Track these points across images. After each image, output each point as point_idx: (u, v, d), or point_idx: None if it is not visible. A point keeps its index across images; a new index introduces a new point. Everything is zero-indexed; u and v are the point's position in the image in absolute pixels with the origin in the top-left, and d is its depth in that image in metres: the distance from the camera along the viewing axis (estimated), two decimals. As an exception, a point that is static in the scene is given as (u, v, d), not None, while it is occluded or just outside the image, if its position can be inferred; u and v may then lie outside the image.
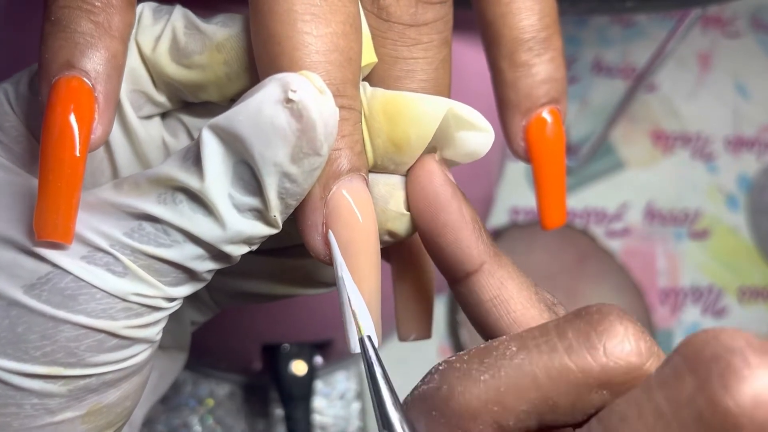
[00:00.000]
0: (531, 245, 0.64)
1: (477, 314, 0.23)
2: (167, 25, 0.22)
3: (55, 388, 0.20)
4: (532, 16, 0.24)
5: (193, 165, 0.20)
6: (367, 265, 0.21)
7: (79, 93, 0.20)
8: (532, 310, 0.22)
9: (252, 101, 0.19)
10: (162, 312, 0.21)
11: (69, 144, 0.20)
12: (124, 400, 0.22)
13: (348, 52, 0.20)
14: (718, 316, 0.67)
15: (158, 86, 0.23)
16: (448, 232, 0.22)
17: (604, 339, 0.19)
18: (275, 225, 0.21)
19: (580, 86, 0.75)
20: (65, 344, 0.20)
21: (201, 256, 0.21)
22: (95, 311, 0.20)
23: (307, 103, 0.19)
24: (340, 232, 0.21)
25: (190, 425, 0.55)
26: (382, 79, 0.23)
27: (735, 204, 0.72)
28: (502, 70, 0.25)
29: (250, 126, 0.19)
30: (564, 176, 0.26)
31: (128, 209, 0.20)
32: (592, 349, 0.19)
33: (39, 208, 0.20)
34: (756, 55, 0.80)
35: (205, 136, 0.20)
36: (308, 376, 0.50)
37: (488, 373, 0.20)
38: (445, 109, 0.22)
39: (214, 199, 0.20)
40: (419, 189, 0.22)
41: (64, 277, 0.20)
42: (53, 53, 0.20)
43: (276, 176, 0.19)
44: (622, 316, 0.19)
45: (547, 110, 0.25)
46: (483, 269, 0.22)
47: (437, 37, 0.23)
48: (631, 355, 0.19)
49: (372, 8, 0.23)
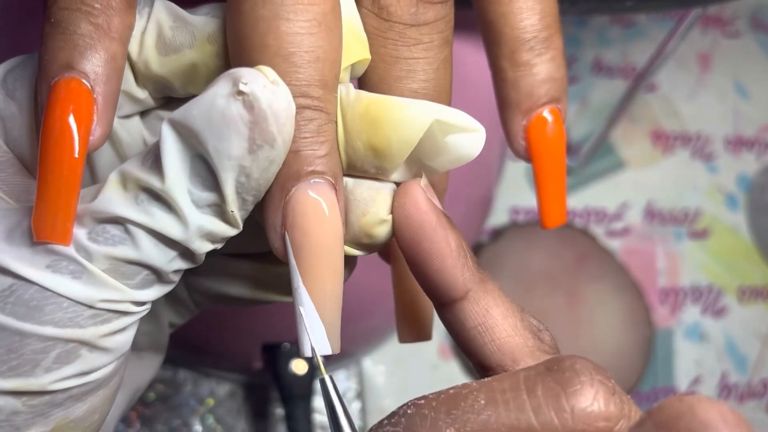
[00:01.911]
0: (531, 245, 0.64)
1: (462, 340, 0.23)
2: (150, 19, 0.22)
3: (20, 404, 0.20)
4: (533, 15, 0.24)
5: (154, 163, 0.20)
6: (322, 269, 0.21)
7: (78, 94, 0.20)
8: (517, 337, 0.22)
9: (205, 95, 0.19)
10: (130, 317, 0.21)
11: (68, 145, 0.19)
12: (92, 414, 0.22)
13: (314, 51, 0.20)
14: (717, 315, 0.67)
15: (140, 83, 0.23)
16: (433, 260, 0.22)
17: (573, 402, 0.19)
18: (234, 222, 0.21)
19: (580, 86, 0.75)
20: (32, 357, 0.20)
21: (166, 255, 0.21)
22: (62, 321, 0.20)
23: (257, 95, 0.19)
24: (294, 235, 0.20)
25: (191, 425, 0.55)
26: (383, 79, 0.23)
27: (735, 204, 0.72)
28: (502, 70, 0.25)
29: (203, 120, 0.19)
30: (564, 176, 0.26)
31: (90, 212, 0.20)
32: (560, 411, 0.19)
33: (37, 209, 0.19)
34: (756, 55, 0.80)
35: (164, 131, 0.20)
36: (308, 375, 0.50)
37: (454, 426, 0.19)
38: (430, 119, 0.21)
39: (175, 196, 0.20)
40: (404, 217, 0.22)
41: (29, 288, 0.20)
42: (52, 55, 0.20)
43: (231, 170, 0.19)
44: (593, 377, 0.19)
45: (548, 109, 0.25)
46: (468, 297, 0.22)
47: (438, 36, 0.23)
48: (599, 420, 0.19)
49: (372, 8, 0.23)
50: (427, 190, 0.23)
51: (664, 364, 0.65)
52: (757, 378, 0.65)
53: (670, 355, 0.65)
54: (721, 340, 0.67)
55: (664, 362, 0.65)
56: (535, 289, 0.63)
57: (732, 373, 0.65)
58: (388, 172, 0.22)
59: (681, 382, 0.64)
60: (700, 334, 0.67)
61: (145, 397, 0.55)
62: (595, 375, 0.19)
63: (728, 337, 0.67)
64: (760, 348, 0.67)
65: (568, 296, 0.63)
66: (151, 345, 0.29)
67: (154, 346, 0.29)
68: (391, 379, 0.60)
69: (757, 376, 0.66)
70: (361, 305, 0.49)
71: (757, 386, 0.65)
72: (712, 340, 0.66)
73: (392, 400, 0.59)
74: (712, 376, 0.65)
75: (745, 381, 0.65)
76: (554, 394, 0.19)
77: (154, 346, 0.29)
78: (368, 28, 0.23)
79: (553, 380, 0.19)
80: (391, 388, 0.60)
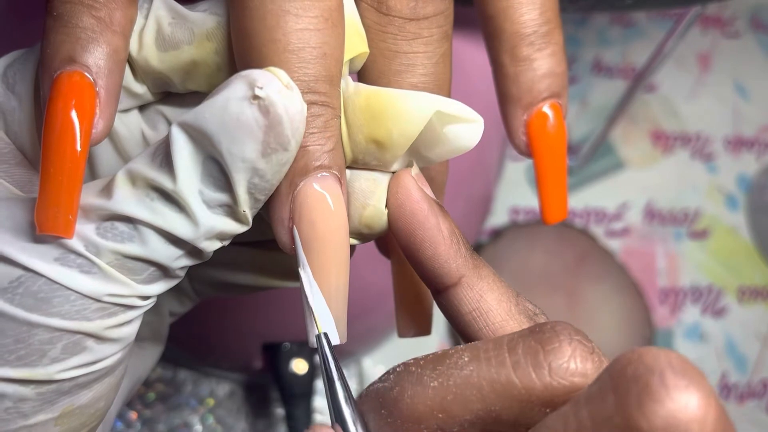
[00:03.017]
0: (531, 245, 0.64)
1: (458, 325, 0.23)
2: (150, 15, 0.22)
3: (29, 392, 0.20)
4: (534, 10, 0.24)
5: (164, 162, 0.20)
6: (329, 262, 0.21)
7: (81, 88, 0.20)
8: (512, 321, 0.23)
9: (218, 98, 0.19)
10: (136, 311, 0.21)
11: (70, 138, 0.20)
12: (97, 401, 0.22)
13: (321, 47, 0.20)
14: (717, 315, 0.67)
15: (139, 77, 0.23)
16: (426, 247, 0.22)
17: (550, 358, 0.19)
18: (245, 220, 0.21)
19: (580, 86, 0.75)
20: (39, 347, 0.20)
21: (174, 253, 0.21)
22: (69, 313, 0.20)
23: (273, 99, 0.19)
24: (302, 229, 0.21)
25: (191, 425, 0.55)
26: (383, 73, 0.23)
27: (734, 204, 0.72)
28: (503, 65, 0.25)
29: (217, 123, 0.19)
30: (565, 171, 0.26)
31: (99, 209, 0.20)
32: (538, 367, 0.19)
33: (40, 202, 0.20)
34: (756, 55, 0.80)
35: (175, 133, 0.20)
36: (309, 374, 0.50)
37: (438, 380, 0.20)
38: (432, 110, 0.21)
39: (186, 197, 0.20)
40: (396, 206, 0.23)
41: (37, 279, 0.20)
42: (55, 48, 0.20)
43: (244, 172, 0.20)
44: (572, 336, 0.20)
45: (549, 104, 0.25)
46: (462, 282, 0.23)
47: (437, 31, 0.23)
48: (575, 376, 0.19)
49: (372, 2, 0.23)
50: (418, 179, 0.23)
51: (665, 364, 0.65)
52: (757, 378, 0.65)
53: (671, 355, 0.65)
54: (721, 340, 0.67)
55: (665, 362, 0.65)
56: (535, 289, 0.63)
57: (732, 373, 0.65)
58: (388, 163, 0.22)
59: (681, 382, 0.64)
60: (700, 334, 0.67)
61: (145, 397, 0.55)
62: (573, 335, 0.20)
63: (728, 337, 0.67)
64: (760, 348, 0.67)
65: (568, 296, 0.63)
66: (152, 334, 0.29)
67: (155, 336, 0.29)
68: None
69: (757, 376, 0.66)
70: (362, 305, 0.49)
71: (757, 386, 0.65)
72: (712, 340, 0.66)
73: (392, 400, 0.59)
74: (712, 376, 0.65)
75: (745, 381, 0.65)
76: (533, 352, 0.19)
77: (155, 336, 0.29)
78: (368, 23, 0.23)
79: (534, 339, 0.20)
80: (391, 388, 0.60)
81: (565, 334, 0.20)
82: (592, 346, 0.20)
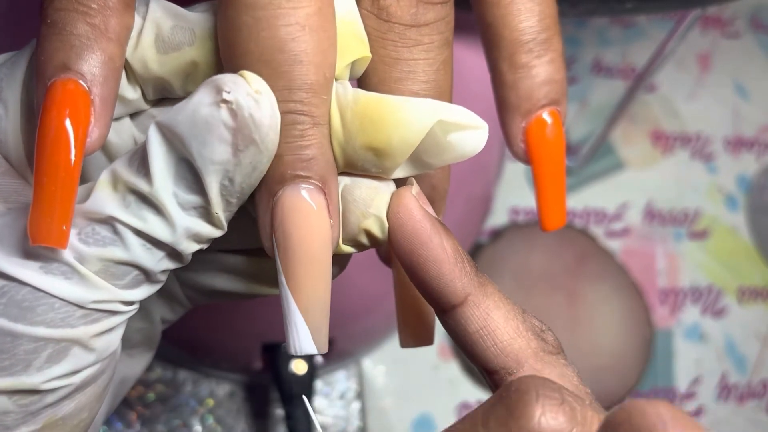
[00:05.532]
0: (531, 245, 0.64)
1: (465, 345, 0.23)
2: (147, 18, 0.22)
3: (11, 404, 0.20)
4: (532, 17, 0.24)
5: (140, 164, 0.20)
6: (303, 272, 0.21)
7: (75, 96, 0.20)
8: (520, 339, 0.22)
9: (189, 102, 0.19)
10: (119, 316, 0.21)
11: (64, 148, 0.19)
12: (80, 411, 0.22)
13: (297, 55, 0.20)
14: (717, 316, 0.67)
15: (134, 83, 0.23)
16: (430, 267, 0.22)
17: (520, 424, 0.19)
18: (218, 223, 0.21)
19: (579, 87, 0.75)
20: (24, 357, 0.20)
21: (155, 255, 0.21)
22: (54, 321, 0.20)
23: (240, 103, 0.19)
24: (278, 237, 0.21)
25: (191, 425, 0.55)
26: (383, 80, 0.23)
27: (734, 204, 0.72)
28: (502, 72, 0.25)
29: (188, 126, 0.19)
30: (564, 178, 0.25)
31: (82, 213, 0.20)
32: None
33: (33, 212, 0.19)
34: (756, 55, 0.80)
35: (151, 134, 0.20)
36: (308, 375, 0.50)
37: None
38: (433, 120, 0.21)
39: (162, 198, 0.20)
40: (398, 225, 0.22)
41: (21, 288, 0.20)
42: (48, 55, 0.20)
43: (215, 174, 0.19)
44: (538, 393, 0.19)
45: (547, 112, 0.25)
46: (468, 301, 0.22)
47: (438, 37, 0.23)
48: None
49: (372, 9, 0.23)
50: (419, 197, 0.23)
51: (664, 364, 0.65)
52: (757, 378, 0.65)
53: (670, 355, 0.65)
54: (721, 340, 0.67)
55: (664, 362, 0.65)
56: (535, 289, 0.63)
57: (732, 374, 0.65)
58: (389, 171, 0.22)
59: (681, 382, 0.65)
60: (699, 334, 0.67)
61: (145, 397, 0.55)
62: (540, 391, 0.19)
63: (728, 337, 0.67)
64: (760, 348, 0.67)
65: (567, 297, 0.63)
66: (143, 341, 0.29)
67: (146, 343, 0.29)
68: (391, 379, 0.60)
69: (756, 377, 0.66)
70: (361, 305, 0.49)
71: (757, 386, 0.65)
72: (712, 341, 0.66)
73: (392, 401, 0.59)
74: (712, 376, 0.65)
75: (745, 381, 0.65)
76: (503, 422, 0.19)
77: (146, 343, 0.29)
78: (368, 29, 0.23)
79: (502, 407, 0.19)
80: (391, 388, 0.60)
81: (531, 393, 0.19)
82: (561, 396, 0.19)
